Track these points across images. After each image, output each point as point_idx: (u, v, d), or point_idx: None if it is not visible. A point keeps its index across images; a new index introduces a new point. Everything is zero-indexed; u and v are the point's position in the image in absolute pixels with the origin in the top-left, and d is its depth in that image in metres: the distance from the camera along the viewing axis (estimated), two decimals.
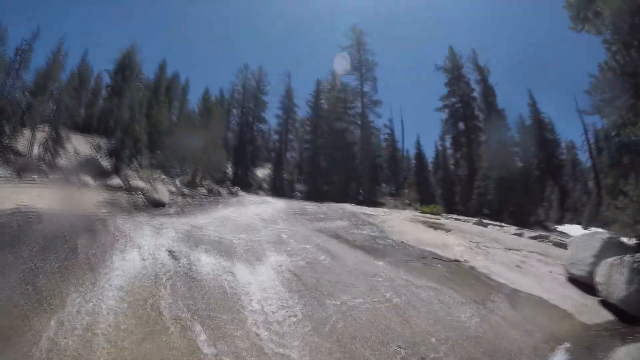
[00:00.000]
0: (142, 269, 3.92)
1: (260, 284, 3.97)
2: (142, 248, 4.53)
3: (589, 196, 25.28)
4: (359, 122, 27.90)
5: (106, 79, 34.19)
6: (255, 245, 5.28)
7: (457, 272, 5.02)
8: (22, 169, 13.64)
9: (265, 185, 27.90)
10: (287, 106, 32.89)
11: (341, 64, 29.84)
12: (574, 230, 22.83)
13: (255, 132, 31.78)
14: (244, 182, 26.00)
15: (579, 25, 11.18)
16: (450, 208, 23.71)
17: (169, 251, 4.50)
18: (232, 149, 26.94)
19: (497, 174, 23.48)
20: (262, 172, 29.28)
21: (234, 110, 32.17)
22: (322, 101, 29.89)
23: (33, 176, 13.16)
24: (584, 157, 30.81)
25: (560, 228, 23.53)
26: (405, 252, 5.93)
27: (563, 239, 14.35)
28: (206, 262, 4.36)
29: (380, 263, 4.88)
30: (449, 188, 24.99)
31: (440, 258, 5.76)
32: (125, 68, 34.90)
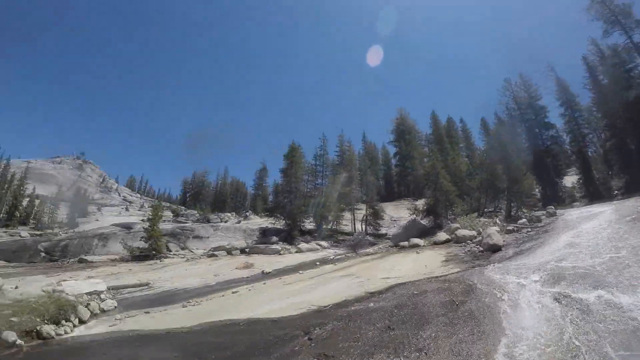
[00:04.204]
0: (540, 318, 4.45)
1: None
2: (525, 298, 5.03)
3: None
4: None
5: (391, 149, 41.00)
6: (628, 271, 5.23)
7: None
8: (355, 245, 17.03)
9: (576, 194, 25.08)
10: (566, 99, 28.51)
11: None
12: None
13: (547, 141, 28.99)
14: (554, 197, 24.14)
15: None
16: None
17: (555, 298, 4.90)
18: (530, 168, 25.54)
19: None
20: (570, 180, 26.63)
21: (518, 130, 30.17)
22: (600, 77, 25.42)
23: (367, 250, 15.90)
24: None
25: None
26: None
27: None
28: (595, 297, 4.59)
29: None
30: None
31: None
32: (403, 133, 44.02)
